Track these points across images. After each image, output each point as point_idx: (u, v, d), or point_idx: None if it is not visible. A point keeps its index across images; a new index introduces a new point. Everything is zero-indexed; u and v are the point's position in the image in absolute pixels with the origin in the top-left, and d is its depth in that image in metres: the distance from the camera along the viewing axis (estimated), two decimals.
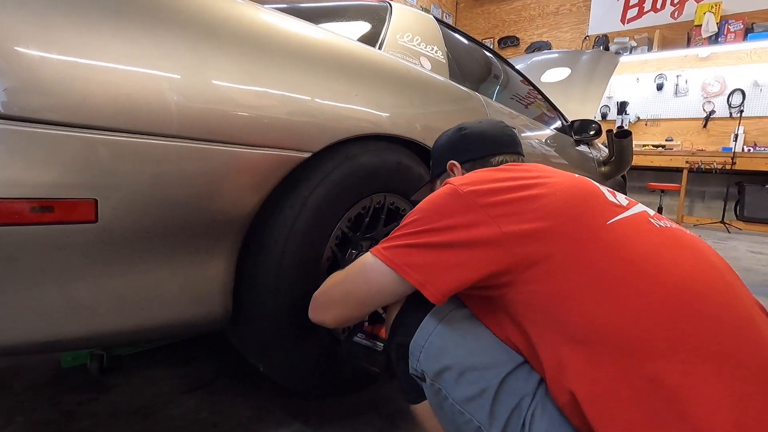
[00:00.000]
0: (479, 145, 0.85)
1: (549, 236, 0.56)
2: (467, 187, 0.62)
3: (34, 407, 1.04)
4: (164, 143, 0.68)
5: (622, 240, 0.55)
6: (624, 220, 0.58)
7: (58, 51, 0.59)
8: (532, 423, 0.54)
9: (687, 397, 0.45)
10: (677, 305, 0.50)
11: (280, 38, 0.89)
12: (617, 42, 6.04)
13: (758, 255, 3.67)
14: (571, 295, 0.53)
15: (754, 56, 5.32)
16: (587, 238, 0.55)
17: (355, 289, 0.67)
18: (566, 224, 0.57)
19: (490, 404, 0.57)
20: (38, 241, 0.59)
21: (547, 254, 0.55)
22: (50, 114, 0.59)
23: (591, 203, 0.60)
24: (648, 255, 0.54)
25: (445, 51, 1.50)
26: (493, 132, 0.86)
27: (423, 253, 0.61)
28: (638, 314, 0.50)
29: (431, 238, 0.60)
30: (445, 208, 0.62)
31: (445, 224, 0.60)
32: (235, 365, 1.28)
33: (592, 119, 2.47)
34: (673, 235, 0.58)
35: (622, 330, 0.49)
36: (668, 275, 0.52)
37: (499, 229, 0.57)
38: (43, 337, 0.62)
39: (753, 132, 5.39)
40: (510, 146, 0.86)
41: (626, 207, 0.61)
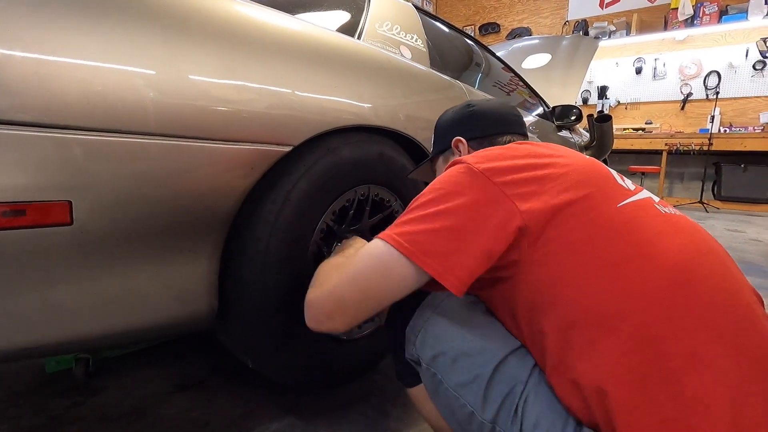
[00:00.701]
0: (487, 123, 0.82)
1: (562, 216, 0.55)
2: (482, 165, 0.59)
3: (20, 414, 1.02)
4: (140, 141, 0.67)
5: (631, 224, 0.55)
6: (633, 204, 0.58)
7: (22, 48, 0.57)
8: (525, 409, 0.55)
9: (686, 379, 0.46)
10: (680, 289, 0.50)
11: (256, 30, 0.87)
12: (596, 27, 6.08)
13: (735, 233, 3.78)
14: (578, 277, 0.53)
15: (728, 38, 5.42)
16: (599, 221, 0.55)
17: (374, 287, 0.58)
18: (580, 205, 0.56)
19: (484, 389, 0.58)
20: (12, 246, 0.57)
21: (559, 234, 0.55)
22: (19, 114, 0.57)
23: (603, 185, 0.59)
24: (654, 240, 0.54)
25: (426, 39, 1.49)
26: (502, 111, 0.84)
27: (440, 237, 0.56)
28: (644, 297, 0.50)
29: (448, 221, 0.56)
30: (461, 186, 0.58)
31: (461, 204, 0.57)
32: (226, 363, 1.27)
33: (572, 104, 2.49)
34: (677, 222, 0.58)
35: (628, 312, 0.50)
36: (672, 260, 0.52)
37: (516, 207, 0.55)
38: (23, 344, 0.61)
39: (729, 113, 5.51)
40: (518, 126, 0.84)
41: (633, 192, 0.61)
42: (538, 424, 0.53)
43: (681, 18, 5.50)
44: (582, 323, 0.52)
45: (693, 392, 0.46)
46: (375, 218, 1.12)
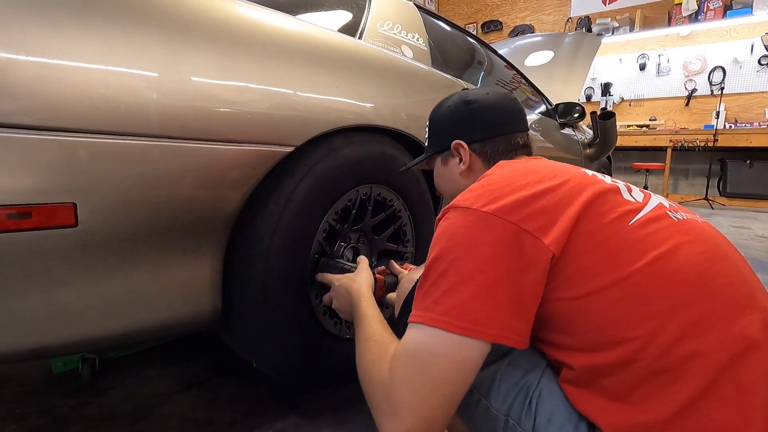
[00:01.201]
0: (489, 123, 0.75)
1: (574, 241, 0.52)
2: (490, 206, 0.54)
3: (27, 414, 1.03)
4: (143, 143, 0.67)
5: (645, 241, 0.53)
6: (644, 219, 0.55)
7: (25, 52, 0.57)
8: (539, 403, 0.55)
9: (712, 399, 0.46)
10: (701, 300, 0.49)
11: (258, 31, 0.87)
12: (599, 23, 6.05)
13: (741, 229, 3.76)
14: (597, 304, 0.51)
15: (733, 33, 5.38)
16: (613, 243, 0.53)
17: (451, 384, 0.50)
18: (589, 227, 0.53)
19: (498, 382, 0.58)
20: (18, 248, 0.58)
21: (573, 259, 0.52)
22: (23, 118, 0.57)
23: (612, 205, 0.56)
24: (671, 255, 0.52)
25: (427, 38, 1.49)
26: (503, 107, 0.77)
27: (485, 301, 0.50)
28: (667, 316, 0.49)
29: (483, 280, 0.51)
30: (476, 238, 0.53)
31: (487, 255, 0.51)
32: (229, 362, 1.28)
33: (575, 102, 2.48)
34: (691, 229, 0.56)
35: (652, 336, 0.48)
36: (691, 272, 0.51)
37: (542, 242, 0.51)
38: (29, 345, 0.62)
39: (734, 108, 5.47)
40: (521, 123, 0.78)
41: (643, 203, 0.58)
42: (552, 419, 0.53)
43: (685, 13, 5.46)
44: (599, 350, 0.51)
45: (721, 414, 0.45)
46: (377, 218, 1.13)
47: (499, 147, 0.74)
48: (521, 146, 0.76)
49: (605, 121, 2.64)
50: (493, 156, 0.74)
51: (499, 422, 0.57)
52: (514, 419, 0.56)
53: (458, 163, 0.76)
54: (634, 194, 0.60)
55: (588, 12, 6.28)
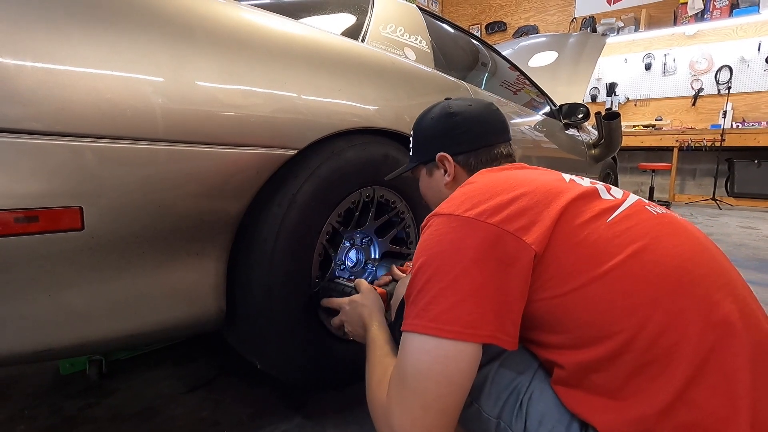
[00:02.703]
0: (472, 135, 0.76)
1: (555, 239, 0.53)
2: (471, 211, 0.55)
3: (36, 415, 1.05)
4: (148, 147, 0.68)
5: (623, 235, 0.54)
6: (622, 215, 0.57)
7: (32, 59, 0.59)
8: (530, 405, 0.55)
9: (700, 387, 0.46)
10: (681, 290, 0.50)
11: (261, 36, 0.88)
12: (604, 23, 6.02)
13: (748, 230, 3.72)
14: (582, 299, 0.52)
15: (740, 32, 5.33)
16: (592, 240, 0.53)
17: (431, 387, 0.50)
18: (572, 228, 0.54)
19: (489, 385, 0.58)
20: (25, 251, 0.59)
21: (555, 257, 0.53)
22: (31, 123, 0.58)
23: (590, 204, 0.57)
24: (651, 246, 0.53)
25: (430, 40, 1.49)
26: (486, 118, 0.78)
27: (474, 304, 0.51)
28: (652, 306, 0.50)
29: (470, 283, 0.51)
30: (461, 242, 0.53)
31: (471, 259, 0.52)
32: (235, 364, 1.29)
33: (580, 102, 2.47)
34: (669, 222, 0.58)
35: (639, 328, 0.49)
36: (671, 263, 0.52)
37: (523, 242, 0.52)
38: (36, 347, 0.63)
39: (741, 108, 5.42)
40: (503, 133, 0.79)
41: (621, 200, 0.60)
42: (543, 422, 0.53)
43: (691, 12, 5.43)
44: (587, 344, 0.52)
45: (710, 403, 0.46)
46: (380, 220, 1.13)
47: (483, 158, 0.76)
48: (504, 156, 0.77)
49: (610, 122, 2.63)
50: (476, 167, 0.76)
51: (491, 425, 0.57)
52: (506, 422, 0.56)
53: (443, 175, 0.78)
54: (612, 192, 0.62)
55: (592, 12, 6.25)
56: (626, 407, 0.49)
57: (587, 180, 0.65)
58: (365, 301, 0.82)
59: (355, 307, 0.83)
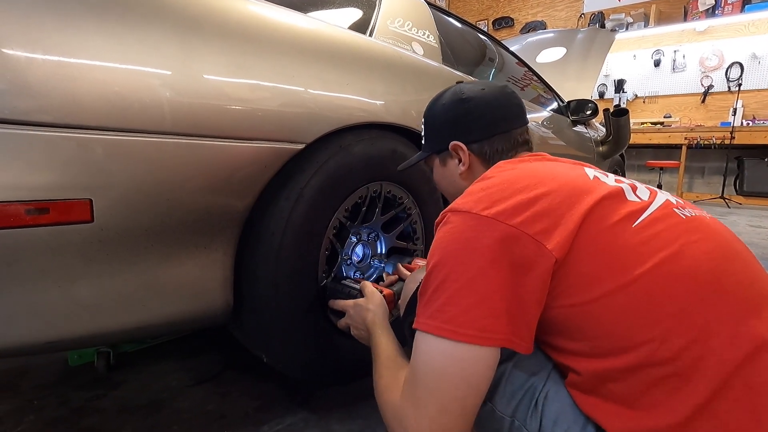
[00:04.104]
0: (487, 121, 0.72)
1: (578, 245, 0.51)
2: (489, 210, 0.53)
3: (44, 406, 1.06)
4: (157, 140, 0.68)
5: (650, 242, 0.51)
6: (649, 219, 0.53)
7: (43, 51, 0.59)
8: (545, 405, 0.54)
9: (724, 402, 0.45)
10: (710, 299, 0.48)
11: (269, 29, 0.88)
12: (613, 19, 5.95)
13: (758, 229, 3.68)
14: (604, 308, 0.50)
15: (752, 28, 5.25)
16: (617, 247, 0.51)
17: (448, 389, 0.50)
18: (592, 230, 0.51)
19: (504, 384, 0.57)
20: (36, 243, 0.59)
21: (577, 262, 0.51)
22: (41, 115, 0.58)
23: (615, 207, 0.54)
24: (679, 254, 0.50)
25: (438, 35, 1.48)
26: (501, 102, 0.74)
27: (485, 306, 0.49)
28: (677, 318, 0.47)
29: (484, 285, 0.50)
30: (478, 242, 0.51)
31: (489, 260, 0.50)
32: (241, 357, 1.30)
33: (588, 99, 2.45)
34: (699, 226, 0.54)
35: (662, 340, 0.47)
36: (700, 270, 0.49)
37: (544, 247, 0.50)
38: (45, 338, 0.63)
39: (752, 105, 5.35)
40: (520, 117, 0.75)
41: (649, 201, 0.56)
42: (558, 422, 0.53)
43: (702, 8, 5.35)
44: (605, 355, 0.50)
45: (731, 416, 0.44)
46: (387, 215, 1.13)
47: (499, 146, 0.72)
48: (521, 143, 0.74)
49: (618, 119, 2.61)
50: (492, 156, 0.72)
51: (505, 424, 0.57)
52: (520, 421, 0.55)
53: (458, 164, 0.75)
54: (639, 193, 0.57)
55: (601, 7, 6.18)
56: (643, 417, 0.47)
57: (612, 177, 0.61)
58: (369, 305, 0.81)
59: (359, 311, 0.82)
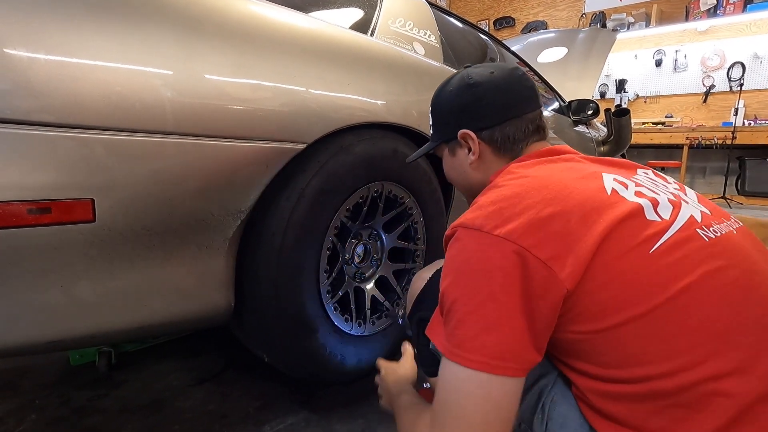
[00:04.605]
0: (497, 107, 0.68)
1: (591, 271, 0.48)
2: (500, 229, 0.50)
3: (46, 405, 1.06)
4: (158, 140, 0.68)
5: (668, 270, 0.48)
6: (669, 243, 0.49)
7: (45, 51, 0.59)
8: (552, 408, 0.54)
9: None
10: (724, 338, 0.46)
11: (270, 29, 0.88)
12: (614, 18, 5.94)
13: None
14: (612, 342, 0.48)
15: (753, 27, 5.23)
16: (632, 275, 0.48)
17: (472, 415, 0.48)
18: (607, 254, 0.48)
19: None
20: (38, 243, 0.59)
21: (589, 291, 0.49)
22: (43, 115, 0.59)
23: (633, 230, 0.50)
24: (697, 285, 0.47)
25: (439, 35, 1.48)
26: (511, 86, 0.69)
27: (496, 332, 0.48)
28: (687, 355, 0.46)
29: (494, 309, 0.48)
30: (487, 264, 0.50)
31: (500, 284, 0.49)
32: (242, 357, 1.30)
33: (589, 99, 2.44)
34: (723, 249, 0.50)
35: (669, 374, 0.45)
36: (717, 304, 0.47)
37: (556, 275, 0.48)
38: (47, 337, 0.63)
39: (753, 105, 5.33)
40: (532, 101, 0.70)
41: (670, 221, 0.51)
42: (565, 426, 0.52)
43: (703, 8, 5.33)
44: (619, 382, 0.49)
45: None
46: (388, 215, 1.13)
47: (511, 132, 0.67)
48: (534, 130, 0.69)
49: (620, 118, 2.60)
50: (504, 143, 0.68)
51: None
52: (527, 424, 0.56)
53: (467, 154, 0.71)
54: (660, 210, 0.52)
55: (603, 7, 6.17)
56: None
57: (632, 187, 0.55)
58: (400, 371, 0.78)
59: (389, 374, 0.78)
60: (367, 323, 1.09)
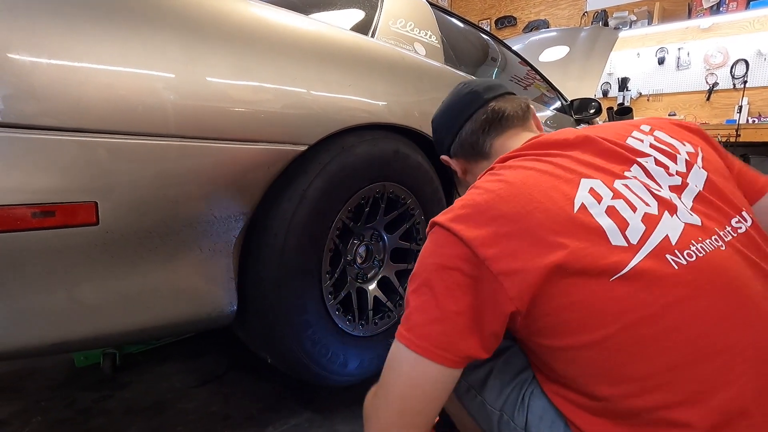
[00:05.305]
0: (447, 127, 0.75)
1: (550, 298, 0.48)
2: (466, 233, 0.51)
3: (51, 407, 1.07)
4: (161, 143, 0.69)
5: (625, 301, 0.46)
6: (632, 272, 0.47)
7: (47, 56, 0.59)
8: (531, 401, 0.56)
9: None
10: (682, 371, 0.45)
11: (271, 31, 0.88)
12: (616, 17, 5.92)
13: None
14: (573, 362, 0.50)
15: (757, 24, 5.20)
16: (587, 304, 0.47)
17: (395, 396, 0.53)
18: (567, 286, 0.47)
19: (493, 379, 0.60)
20: (42, 246, 0.60)
21: (546, 315, 0.49)
22: (46, 119, 0.59)
23: (595, 256, 0.48)
24: (656, 316, 0.46)
25: (440, 35, 1.48)
26: (451, 101, 0.76)
27: (444, 324, 0.50)
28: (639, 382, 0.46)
29: (449, 303, 0.50)
30: (447, 262, 0.52)
31: (455, 282, 0.51)
32: (245, 358, 1.30)
33: (591, 97, 2.44)
34: (695, 278, 0.47)
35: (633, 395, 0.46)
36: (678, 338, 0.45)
37: (506, 293, 0.48)
38: (52, 339, 0.64)
39: (758, 102, 5.30)
40: (474, 101, 0.72)
41: (638, 246, 0.48)
42: (544, 417, 0.55)
43: (706, 5, 5.31)
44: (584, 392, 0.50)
45: None
46: (390, 216, 1.13)
47: (466, 137, 0.72)
48: (497, 119, 0.70)
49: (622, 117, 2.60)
50: (468, 149, 0.73)
51: (494, 417, 0.59)
52: (508, 415, 0.58)
53: (457, 173, 0.81)
54: (629, 233, 0.49)
55: (604, 6, 6.15)
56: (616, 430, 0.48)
57: (606, 201, 0.51)
58: None
59: None
60: (370, 324, 1.10)
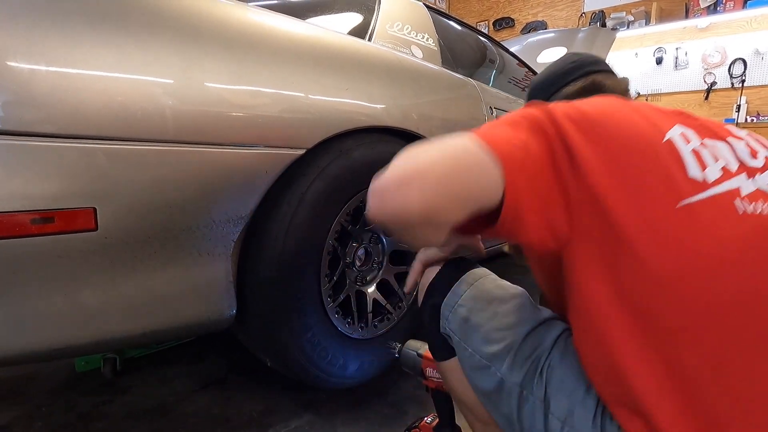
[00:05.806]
0: (545, 88, 0.79)
1: (613, 201, 0.46)
2: (561, 112, 0.51)
3: (52, 412, 1.07)
4: (159, 148, 0.69)
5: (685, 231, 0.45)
6: (699, 202, 0.46)
7: (46, 63, 0.60)
8: (550, 373, 0.58)
9: None
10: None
11: (268, 36, 0.89)
12: (614, 17, 5.94)
13: None
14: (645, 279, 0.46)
15: (754, 24, 5.22)
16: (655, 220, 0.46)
17: (458, 173, 0.45)
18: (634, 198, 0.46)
19: (513, 357, 0.61)
20: (41, 252, 0.60)
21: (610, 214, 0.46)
22: (45, 126, 0.60)
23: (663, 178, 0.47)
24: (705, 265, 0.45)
25: (437, 38, 1.49)
26: (558, 66, 0.80)
27: (513, 133, 0.48)
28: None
29: (522, 130, 0.49)
30: (533, 114, 0.52)
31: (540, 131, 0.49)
32: (245, 361, 1.30)
33: None
34: (757, 231, 0.46)
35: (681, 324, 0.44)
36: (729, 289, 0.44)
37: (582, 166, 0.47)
38: (52, 345, 0.64)
39: (756, 101, 5.31)
40: (579, 70, 0.77)
41: (712, 183, 0.48)
42: (562, 388, 0.56)
43: (703, 5, 5.33)
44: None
45: None
46: None
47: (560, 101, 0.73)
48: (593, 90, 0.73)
49: None
50: None
51: (514, 394, 0.60)
52: (528, 390, 0.59)
53: None
54: (707, 173, 0.49)
55: (602, 6, 6.17)
56: None
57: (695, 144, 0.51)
58: None
59: None
60: (369, 327, 1.10)
